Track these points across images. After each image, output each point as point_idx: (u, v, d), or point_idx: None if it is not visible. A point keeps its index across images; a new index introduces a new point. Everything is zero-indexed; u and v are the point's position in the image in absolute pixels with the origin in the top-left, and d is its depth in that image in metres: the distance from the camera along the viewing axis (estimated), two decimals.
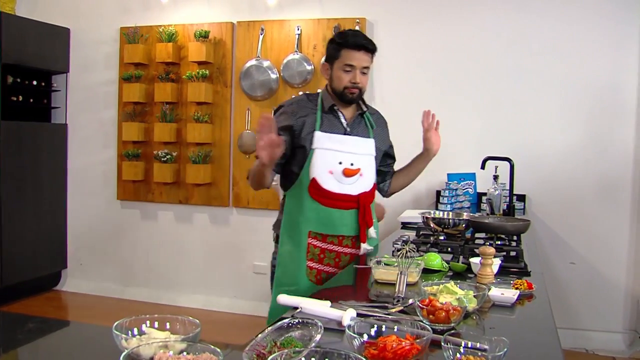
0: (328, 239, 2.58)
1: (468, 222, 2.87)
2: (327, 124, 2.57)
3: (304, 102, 2.63)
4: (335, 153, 2.53)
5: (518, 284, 1.97)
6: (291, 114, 2.56)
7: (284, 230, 2.61)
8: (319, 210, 2.54)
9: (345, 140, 2.58)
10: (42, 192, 5.47)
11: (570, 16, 4.46)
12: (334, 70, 2.56)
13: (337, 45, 2.54)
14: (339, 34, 2.60)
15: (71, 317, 5.31)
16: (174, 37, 5.22)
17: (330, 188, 2.53)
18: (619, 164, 4.43)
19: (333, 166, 2.52)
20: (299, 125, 2.54)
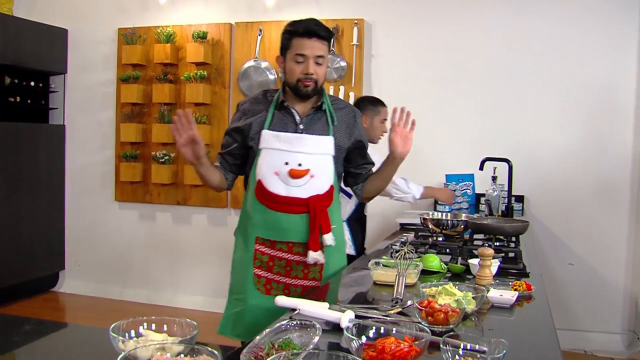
0: (277, 245, 2.39)
1: (466, 223, 2.87)
2: (278, 122, 2.39)
3: (259, 99, 2.47)
4: (282, 153, 2.34)
5: (517, 285, 1.96)
6: (242, 114, 2.45)
7: (238, 235, 2.50)
8: (266, 215, 2.37)
9: (294, 138, 2.36)
10: (40, 193, 5.46)
11: (568, 17, 4.46)
12: (287, 62, 2.35)
13: (288, 34, 2.33)
14: (290, 23, 2.37)
15: (69, 319, 5.30)
16: (172, 38, 5.22)
17: (277, 191, 2.34)
18: (618, 165, 4.43)
19: (279, 167, 2.34)
20: (247, 126, 2.40)
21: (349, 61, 4.83)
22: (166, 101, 5.21)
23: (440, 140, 4.73)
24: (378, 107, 3.78)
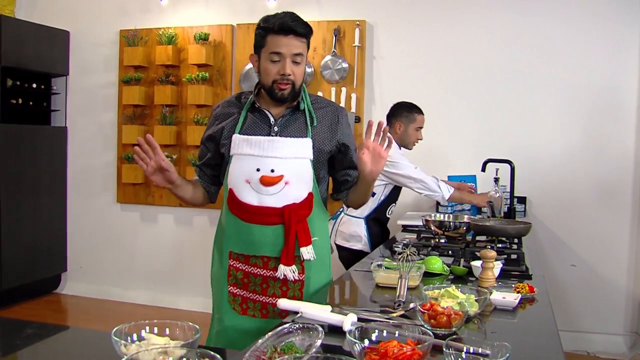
0: (251, 260, 2.17)
1: (469, 224, 2.87)
2: (250, 125, 2.18)
3: (232, 103, 2.27)
4: (253, 159, 2.12)
5: (519, 287, 1.96)
6: (214, 119, 2.27)
7: (214, 249, 2.32)
8: (239, 227, 2.16)
9: (265, 142, 2.13)
10: (42, 194, 5.46)
11: (570, 18, 4.45)
12: (261, 61, 2.13)
13: (262, 31, 2.10)
14: (264, 18, 2.14)
15: (71, 321, 5.29)
16: (173, 40, 5.22)
17: (249, 200, 2.12)
18: (620, 166, 4.42)
19: (250, 174, 2.11)
20: (218, 131, 2.22)
21: (350, 62, 4.83)
22: (168, 103, 5.22)
23: (442, 142, 4.72)
24: (414, 113, 3.80)
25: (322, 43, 4.90)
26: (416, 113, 3.81)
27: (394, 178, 3.71)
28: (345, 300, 1.95)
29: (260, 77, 2.16)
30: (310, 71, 4.92)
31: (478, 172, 3.81)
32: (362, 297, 2.03)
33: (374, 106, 4.87)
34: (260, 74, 2.16)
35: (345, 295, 2.21)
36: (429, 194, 3.71)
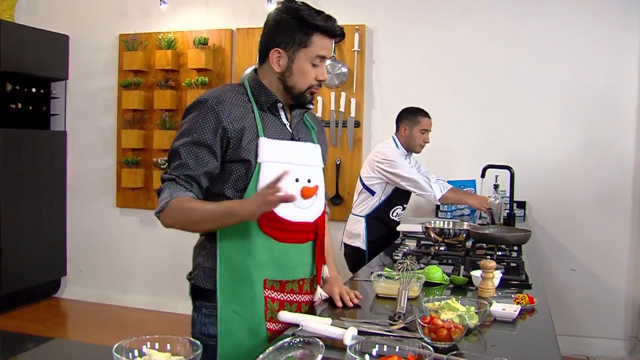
0: (287, 286, 1.90)
1: (468, 232, 2.87)
2: (270, 127, 1.88)
3: (235, 95, 1.87)
4: (287, 167, 1.79)
5: (519, 298, 1.96)
6: (219, 115, 1.80)
7: (223, 284, 1.85)
8: (273, 249, 1.85)
9: (295, 148, 1.91)
10: (42, 199, 5.46)
11: (569, 21, 4.46)
12: (299, 61, 1.85)
13: (307, 28, 1.82)
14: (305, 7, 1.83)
15: (70, 325, 5.30)
16: (173, 44, 5.22)
17: (288, 216, 1.85)
18: (619, 170, 4.43)
19: (289, 185, 1.81)
20: (237, 131, 1.81)
21: (350, 67, 4.84)
22: (167, 107, 5.22)
23: (442, 146, 4.72)
24: (418, 116, 3.85)
25: None
26: (421, 116, 3.85)
27: (387, 176, 3.76)
28: (345, 312, 1.95)
29: (292, 77, 1.86)
30: None
31: (478, 176, 3.82)
32: (362, 307, 2.03)
33: (373, 111, 4.87)
34: (291, 74, 1.86)
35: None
36: (421, 193, 3.74)
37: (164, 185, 1.83)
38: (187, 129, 1.83)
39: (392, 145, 3.87)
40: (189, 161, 1.80)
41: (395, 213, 3.88)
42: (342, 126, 4.86)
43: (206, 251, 1.91)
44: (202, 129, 1.80)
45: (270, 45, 1.85)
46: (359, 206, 3.87)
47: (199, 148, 1.81)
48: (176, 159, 1.82)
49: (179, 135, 1.84)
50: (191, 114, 1.84)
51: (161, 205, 1.79)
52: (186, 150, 1.81)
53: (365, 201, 3.84)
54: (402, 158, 3.80)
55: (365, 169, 3.88)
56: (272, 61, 1.86)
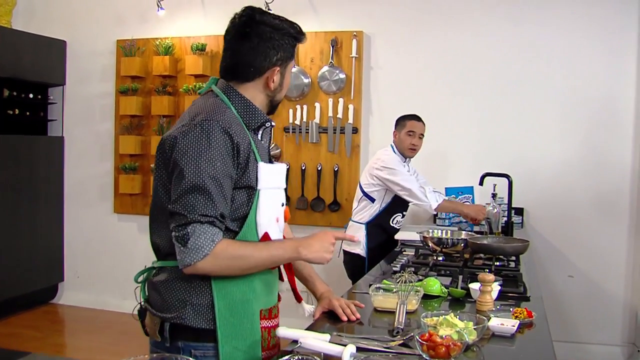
0: (273, 312, 1.84)
1: (467, 242, 2.87)
2: (261, 150, 1.78)
3: (232, 115, 1.73)
4: (278, 192, 1.82)
5: (517, 312, 1.96)
6: (235, 137, 1.66)
7: (222, 321, 1.70)
8: (266, 278, 1.80)
9: (281, 171, 1.85)
10: (39, 204, 5.45)
11: (568, 28, 4.46)
12: (288, 74, 1.84)
13: (294, 41, 1.80)
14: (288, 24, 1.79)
15: (68, 331, 5.29)
16: (170, 50, 5.21)
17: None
18: (617, 177, 4.43)
19: (278, 210, 1.82)
20: (246, 155, 1.70)
21: (347, 73, 4.84)
22: (165, 113, 5.21)
23: (440, 152, 4.73)
24: (405, 120, 3.91)
25: (319, 54, 4.91)
26: (407, 119, 3.90)
27: (386, 183, 3.78)
28: (344, 326, 1.94)
29: (281, 92, 1.84)
30: (307, 82, 4.92)
31: (476, 183, 3.83)
32: (360, 321, 2.02)
33: (371, 117, 4.87)
34: (281, 89, 1.83)
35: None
36: (416, 202, 3.76)
37: (191, 228, 1.59)
38: (208, 158, 1.61)
39: (390, 152, 3.89)
40: (218, 199, 1.61)
41: (395, 220, 3.90)
42: (340, 132, 4.86)
43: (194, 286, 1.69)
44: (223, 157, 1.63)
45: (268, 64, 1.76)
46: (359, 213, 3.88)
47: (225, 179, 1.63)
48: (202, 197, 1.60)
49: (197, 163, 1.60)
50: (202, 139, 1.62)
51: (203, 253, 1.58)
52: (213, 184, 1.60)
53: (365, 209, 3.86)
54: (401, 165, 3.82)
55: (365, 177, 3.89)
56: (270, 80, 1.78)
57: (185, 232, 1.59)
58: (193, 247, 1.58)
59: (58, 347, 4.70)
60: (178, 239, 1.60)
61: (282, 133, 5.00)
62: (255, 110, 1.78)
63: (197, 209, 1.59)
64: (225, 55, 1.81)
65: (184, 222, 1.59)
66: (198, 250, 1.58)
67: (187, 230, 1.59)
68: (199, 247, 1.58)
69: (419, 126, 3.90)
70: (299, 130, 4.95)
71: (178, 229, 1.60)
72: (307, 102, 4.94)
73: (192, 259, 1.58)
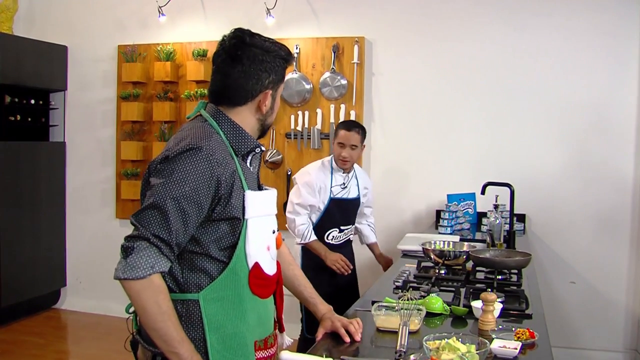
0: (268, 342, 1.81)
1: (468, 254, 2.87)
2: (248, 177, 1.74)
3: (220, 142, 1.69)
4: (268, 219, 1.77)
5: (519, 333, 1.96)
6: (218, 166, 1.62)
7: (215, 355, 1.65)
8: (259, 308, 1.75)
9: (270, 198, 1.80)
10: (41, 210, 5.45)
11: (569, 35, 4.45)
12: (278, 97, 1.83)
13: (285, 63, 1.79)
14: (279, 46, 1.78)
15: (70, 337, 5.30)
16: (172, 56, 5.21)
17: (270, 271, 1.77)
18: (619, 183, 4.43)
19: (269, 238, 1.77)
20: (229, 185, 1.65)
21: (349, 79, 4.83)
22: (167, 119, 5.21)
23: (441, 159, 4.73)
24: (337, 129, 3.69)
25: (320, 60, 4.90)
26: (338, 128, 3.68)
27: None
28: (346, 349, 1.94)
29: (272, 115, 1.81)
30: (309, 88, 4.92)
31: (477, 189, 3.81)
32: (363, 341, 2.02)
33: (373, 123, 4.87)
34: (272, 112, 1.81)
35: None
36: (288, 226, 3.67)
37: (138, 244, 1.54)
38: (178, 179, 1.57)
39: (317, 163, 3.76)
40: (176, 224, 1.56)
41: (331, 236, 3.74)
42: None
43: (183, 320, 1.64)
44: (196, 183, 1.58)
45: (260, 87, 1.73)
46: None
47: (190, 206, 1.57)
48: (160, 217, 1.55)
49: (166, 183, 1.57)
50: (182, 162, 1.59)
51: (136, 274, 1.52)
52: (175, 207, 1.56)
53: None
54: (306, 186, 3.63)
55: None
56: (263, 104, 1.75)
57: (131, 245, 1.55)
58: (131, 263, 1.53)
59: (61, 354, 4.71)
60: (122, 249, 1.56)
61: (284, 139, 5.01)
62: (245, 135, 1.74)
63: (151, 227, 1.55)
64: (214, 79, 1.77)
65: (135, 235, 1.56)
66: (133, 269, 1.52)
67: (134, 245, 1.54)
68: (135, 266, 1.53)
69: (349, 136, 3.58)
70: (301, 136, 4.95)
71: (127, 239, 1.56)
72: (308, 108, 4.94)
73: (125, 274, 1.53)
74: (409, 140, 4.81)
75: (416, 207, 4.81)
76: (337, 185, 3.71)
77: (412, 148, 4.81)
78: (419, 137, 4.79)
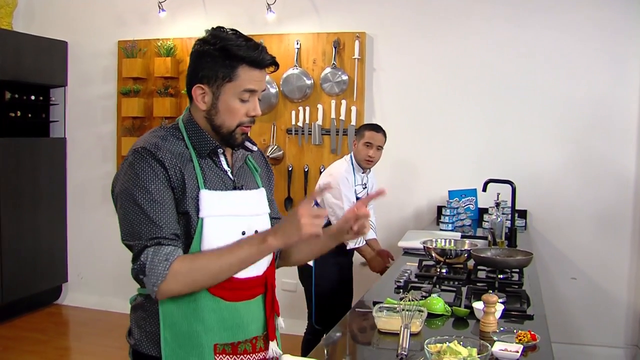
0: (240, 347, 1.73)
1: (469, 253, 2.87)
2: (210, 176, 1.70)
3: (172, 142, 1.68)
4: (234, 220, 1.70)
5: (521, 335, 1.95)
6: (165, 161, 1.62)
7: (169, 351, 1.64)
8: (222, 310, 1.67)
9: (239, 198, 1.74)
10: (42, 206, 5.45)
11: (570, 32, 4.43)
12: (225, 97, 1.67)
13: (230, 60, 1.65)
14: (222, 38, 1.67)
15: (72, 333, 5.30)
16: (172, 52, 5.19)
17: (240, 274, 1.68)
18: (620, 180, 4.42)
19: (235, 240, 1.67)
20: (179, 181, 1.64)
21: (350, 75, 4.81)
22: (167, 115, 5.20)
23: (442, 155, 4.72)
24: (364, 130, 3.84)
25: (321, 55, 4.88)
26: (366, 129, 3.83)
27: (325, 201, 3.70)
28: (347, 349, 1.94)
29: (218, 115, 1.68)
30: (310, 83, 4.90)
31: (478, 185, 3.79)
32: (364, 343, 2.02)
33: (374, 119, 4.85)
34: (217, 112, 1.68)
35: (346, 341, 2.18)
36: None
37: (144, 255, 1.56)
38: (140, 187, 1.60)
39: (343, 165, 3.82)
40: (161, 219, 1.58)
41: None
42: (342, 134, 4.85)
43: (146, 313, 1.68)
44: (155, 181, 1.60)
45: (193, 80, 1.68)
46: None
47: (164, 200, 1.60)
48: (146, 222, 1.58)
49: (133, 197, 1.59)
50: (131, 170, 1.62)
51: (162, 275, 1.55)
52: (152, 209, 1.58)
53: None
54: (347, 183, 3.72)
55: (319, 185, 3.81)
56: (196, 99, 1.68)
57: (140, 262, 1.57)
58: (151, 272, 1.55)
59: (63, 350, 4.72)
60: (139, 271, 1.58)
61: (285, 135, 5.00)
62: (202, 135, 1.71)
63: (143, 235, 1.58)
64: None
65: (137, 252, 1.58)
66: (156, 274, 1.55)
67: (141, 260, 1.57)
68: (155, 271, 1.55)
69: (378, 137, 3.79)
70: (302, 132, 4.94)
71: (135, 262, 1.59)
72: (309, 104, 4.93)
73: (153, 283, 1.56)
74: (410, 136, 4.79)
75: (417, 203, 4.80)
76: (359, 185, 3.85)
77: (413, 144, 4.80)
78: (419, 133, 4.78)
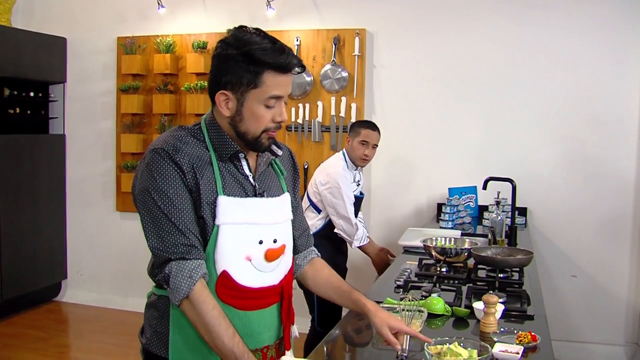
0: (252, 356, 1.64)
1: (470, 252, 2.86)
2: (230, 182, 1.65)
3: (192, 143, 1.64)
4: (252, 228, 1.65)
5: (521, 336, 1.95)
6: (182, 164, 1.59)
7: (177, 354, 1.65)
8: (232, 319, 1.60)
9: (259, 206, 1.68)
10: (41, 203, 5.44)
11: (572, 29, 4.41)
12: (250, 104, 1.60)
13: (255, 66, 1.57)
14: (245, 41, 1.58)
15: (72, 330, 5.30)
16: (171, 48, 5.17)
17: (249, 283, 1.64)
18: (621, 178, 4.40)
19: (251, 249, 1.64)
20: (196, 185, 1.60)
21: (350, 72, 4.80)
22: (167, 112, 5.18)
23: (442, 152, 4.71)
24: (360, 128, 3.77)
25: (321, 52, 4.86)
26: (362, 127, 3.76)
27: (324, 201, 3.67)
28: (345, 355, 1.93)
29: (244, 122, 1.62)
30: (309, 80, 4.88)
31: (478, 182, 3.79)
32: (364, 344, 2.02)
33: (374, 116, 4.84)
34: (242, 118, 1.62)
35: (346, 342, 2.18)
36: (341, 232, 3.68)
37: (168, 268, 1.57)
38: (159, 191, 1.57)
39: (339, 162, 3.74)
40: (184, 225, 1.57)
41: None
42: (342, 131, 4.83)
43: (159, 312, 1.69)
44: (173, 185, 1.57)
45: (216, 86, 1.62)
46: None
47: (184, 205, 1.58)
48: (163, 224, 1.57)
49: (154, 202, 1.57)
50: (147, 167, 1.59)
51: (182, 293, 1.54)
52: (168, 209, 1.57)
53: (310, 218, 3.60)
54: (347, 182, 3.68)
55: (312, 185, 3.76)
56: (219, 105, 1.62)
57: (164, 273, 1.58)
58: (174, 287, 1.56)
59: (62, 347, 4.72)
60: (163, 281, 1.59)
61: (285, 132, 4.98)
62: (224, 139, 1.66)
63: (165, 240, 1.57)
64: None
65: (162, 261, 1.58)
66: (178, 291, 1.55)
67: (165, 271, 1.58)
68: (178, 288, 1.55)
69: (374, 136, 3.75)
70: (302, 129, 4.93)
71: (159, 269, 1.59)
72: (309, 101, 4.91)
73: (175, 299, 1.57)
74: (410, 133, 4.78)
75: (417, 201, 4.79)
76: (354, 183, 3.81)
77: (413, 141, 4.79)
78: (419, 130, 4.77)
